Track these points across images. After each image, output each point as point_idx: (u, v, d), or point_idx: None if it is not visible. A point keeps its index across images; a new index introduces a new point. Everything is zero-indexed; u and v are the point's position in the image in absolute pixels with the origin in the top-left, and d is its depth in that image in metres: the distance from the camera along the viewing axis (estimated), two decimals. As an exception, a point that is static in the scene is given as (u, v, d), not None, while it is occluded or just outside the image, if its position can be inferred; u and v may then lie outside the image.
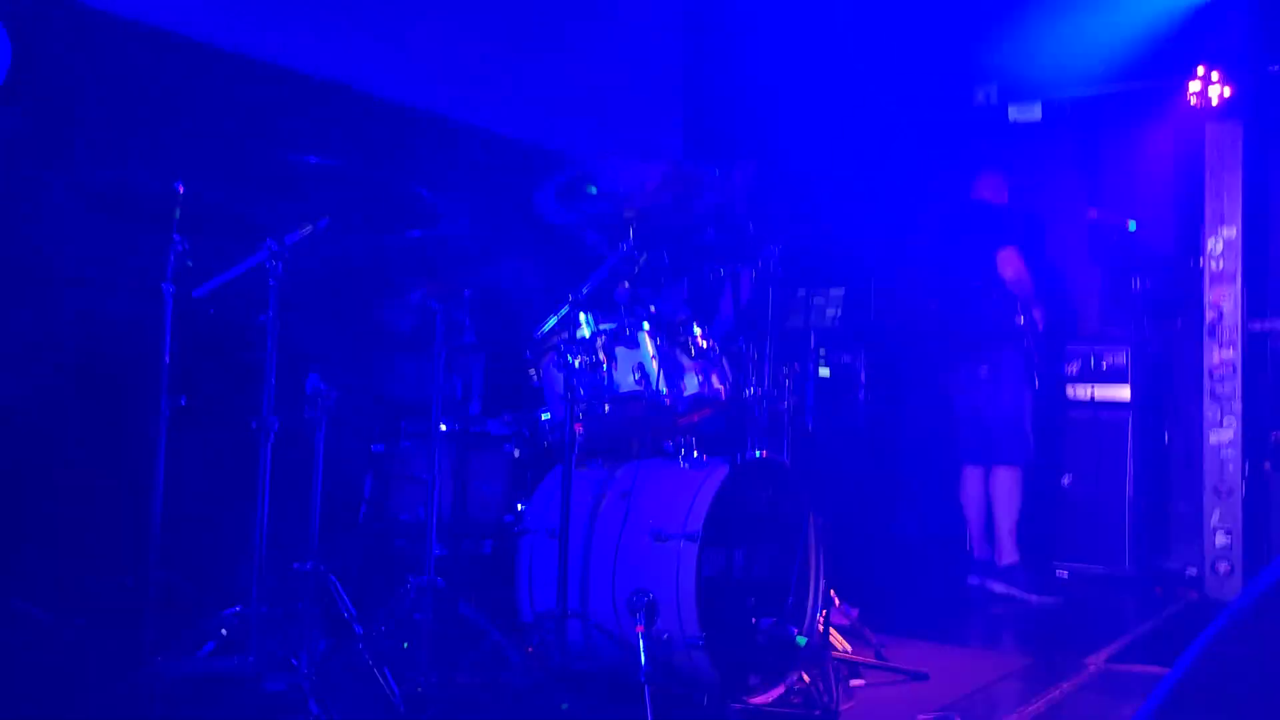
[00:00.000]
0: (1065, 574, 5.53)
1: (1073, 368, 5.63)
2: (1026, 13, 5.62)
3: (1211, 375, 5.22)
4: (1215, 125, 5.21)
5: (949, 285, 5.32)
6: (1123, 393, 5.57)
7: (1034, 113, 5.90)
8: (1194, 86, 5.15)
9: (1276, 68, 5.18)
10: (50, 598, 3.22)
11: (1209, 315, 5.25)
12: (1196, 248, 5.35)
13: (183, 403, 3.19)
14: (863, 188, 5.72)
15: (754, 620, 3.45)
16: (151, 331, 3.17)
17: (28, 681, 2.95)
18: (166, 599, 3.13)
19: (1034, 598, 5.08)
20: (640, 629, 3.19)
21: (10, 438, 3.37)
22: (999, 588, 5.16)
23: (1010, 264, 5.11)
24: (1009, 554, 5.18)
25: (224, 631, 3.17)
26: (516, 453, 3.69)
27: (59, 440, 3.48)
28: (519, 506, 3.61)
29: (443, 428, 3.43)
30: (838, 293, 5.05)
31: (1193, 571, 5.34)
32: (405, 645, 3.29)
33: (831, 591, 3.74)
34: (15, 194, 3.39)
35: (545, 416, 3.59)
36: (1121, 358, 5.58)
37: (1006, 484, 5.20)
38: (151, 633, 3.05)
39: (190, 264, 3.18)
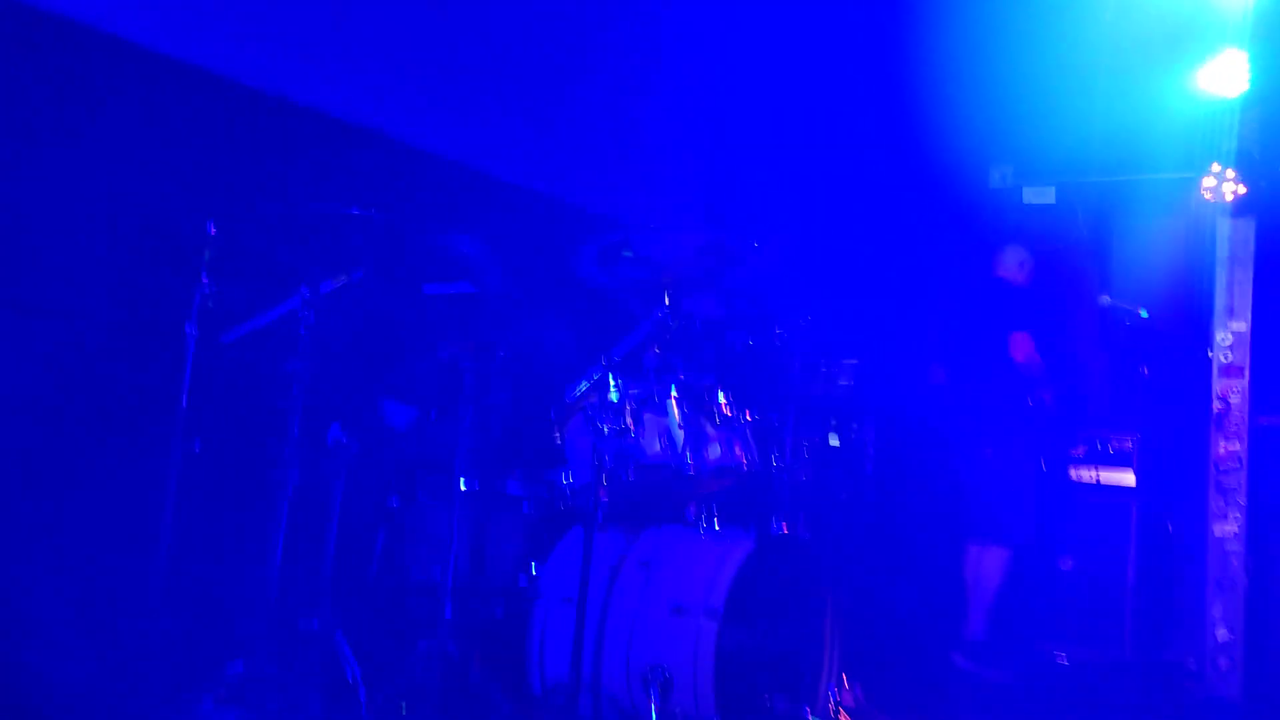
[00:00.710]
0: (1064, 659, 5.47)
1: (1079, 451, 5.62)
2: (1044, 97, 5.69)
3: (1218, 467, 5.22)
4: (1228, 220, 5.26)
5: (960, 362, 5.32)
6: (1128, 478, 5.56)
7: (1049, 196, 5.95)
8: (1209, 182, 5.20)
9: (1291, 168, 5.24)
10: (51, 637, 3.11)
11: (1216, 407, 5.26)
12: (1206, 339, 5.37)
13: (197, 449, 3.13)
14: (879, 261, 5.75)
15: (768, 699, 3.37)
16: (172, 372, 3.11)
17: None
18: (169, 646, 3.05)
19: (992, 673, 5.06)
20: (654, 705, 3.12)
21: (20, 472, 3.28)
22: (963, 663, 5.13)
23: (1022, 347, 5.12)
24: (978, 630, 5.17)
25: (225, 687, 3.07)
26: (534, 514, 3.62)
27: (69, 477, 3.38)
28: (533, 569, 3.53)
29: (462, 486, 3.36)
30: (851, 363, 5.04)
31: (1192, 665, 5.29)
32: (403, 710, 3.20)
33: (842, 673, 3.68)
34: (42, 228, 3.33)
35: (567, 479, 3.53)
36: (1128, 443, 5.58)
37: (993, 562, 5.18)
38: (154, 680, 2.96)
39: (216, 306, 3.13)
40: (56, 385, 3.37)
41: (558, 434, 3.51)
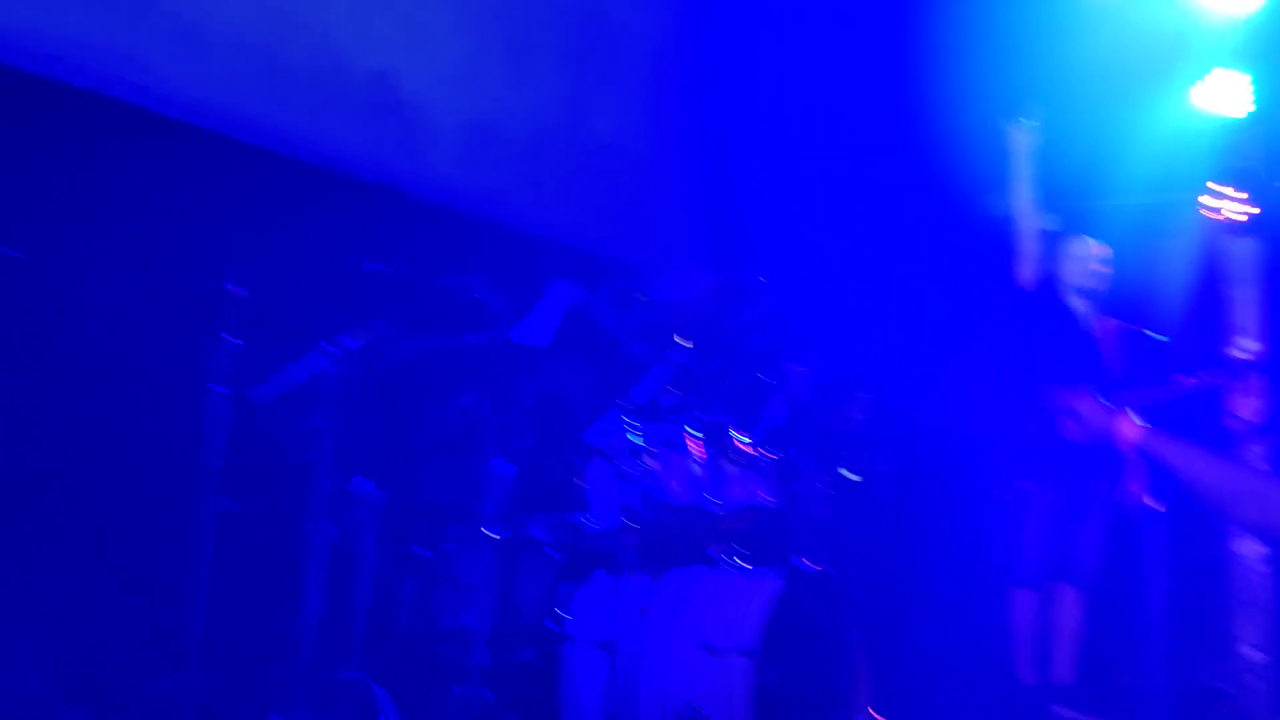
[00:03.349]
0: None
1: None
2: (1049, 124, 5.76)
3: (1238, 486, 5.21)
4: (1235, 241, 5.30)
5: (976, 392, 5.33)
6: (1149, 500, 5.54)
7: (1054, 222, 5.99)
8: (1214, 203, 5.25)
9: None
10: (89, 699, 3.15)
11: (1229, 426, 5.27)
12: (1216, 359, 5.39)
13: (229, 504, 3.18)
14: (888, 290, 5.78)
15: (800, 735, 3.38)
16: (204, 431, 3.16)
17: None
18: (206, 703, 3.08)
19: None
20: (689, 745, 3.14)
21: (56, 533, 3.34)
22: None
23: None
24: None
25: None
26: (559, 557, 3.65)
27: (102, 538, 3.44)
28: (561, 613, 3.55)
29: (487, 532, 3.40)
30: (869, 397, 5.06)
31: (1225, 686, 5.26)
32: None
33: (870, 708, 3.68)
34: (64, 289, 3.41)
35: (590, 521, 3.57)
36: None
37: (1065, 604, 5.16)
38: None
39: (242, 364, 3.20)
40: (89, 447, 3.44)
41: (580, 477, 3.56)
